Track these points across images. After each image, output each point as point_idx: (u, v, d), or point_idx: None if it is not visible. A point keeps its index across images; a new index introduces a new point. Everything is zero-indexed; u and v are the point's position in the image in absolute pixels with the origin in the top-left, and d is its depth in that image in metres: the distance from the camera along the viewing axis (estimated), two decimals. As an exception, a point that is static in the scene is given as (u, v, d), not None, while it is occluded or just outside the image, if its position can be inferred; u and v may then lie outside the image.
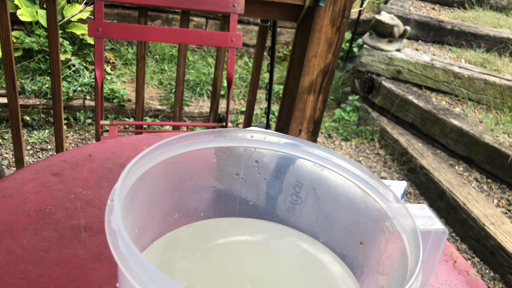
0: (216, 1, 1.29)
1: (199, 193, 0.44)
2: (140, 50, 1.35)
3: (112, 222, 0.27)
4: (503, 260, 1.83)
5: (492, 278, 1.85)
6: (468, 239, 2.02)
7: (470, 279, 0.56)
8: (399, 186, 0.56)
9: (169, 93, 2.52)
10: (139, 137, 0.75)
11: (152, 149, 0.35)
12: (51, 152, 2.03)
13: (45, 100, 2.17)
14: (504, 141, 2.34)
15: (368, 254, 0.39)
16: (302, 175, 0.42)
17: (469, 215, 2.02)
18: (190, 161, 0.40)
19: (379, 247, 0.37)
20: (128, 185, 0.32)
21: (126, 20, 2.72)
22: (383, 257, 0.37)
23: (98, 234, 0.51)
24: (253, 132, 0.41)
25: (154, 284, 0.23)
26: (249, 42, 3.14)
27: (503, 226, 1.95)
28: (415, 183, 2.40)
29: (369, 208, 0.38)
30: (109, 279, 0.46)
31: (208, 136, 0.40)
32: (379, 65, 2.88)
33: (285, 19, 1.62)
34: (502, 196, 2.24)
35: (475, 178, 2.35)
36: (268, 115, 1.93)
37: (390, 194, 0.36)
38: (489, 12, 3.95)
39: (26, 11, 2.22)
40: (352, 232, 0.40)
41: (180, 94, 1.48)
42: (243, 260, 0.41)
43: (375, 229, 0.38)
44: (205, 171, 0.43)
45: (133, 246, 0.25)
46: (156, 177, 0.37)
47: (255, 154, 0.42)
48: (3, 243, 0.48)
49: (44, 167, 0.62)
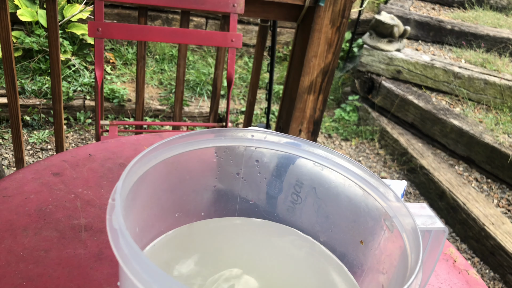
0: (216, 1, 1.29)
1: (200, 192, 0.44)
2: (140, 50, 1.35)
3: (113, 221, 0.27)
4: (503, 260, 1.83)
5: (492, 278, 1.85)
6: (468, 239, 2.03)
7: (470, 278, 0.56)
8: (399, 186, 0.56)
9: (169, 93, 2.52)
10: (139, 137, 0.75)
11: (153, 149, 0.35)
12: (51, 152, 2.03)
13: (45, 100, 2.17)
14: (504, 141, 2.34)
15: (368, 253, 0.39)
16: (302, 174, 0.42)
17: (469, 215, 2.02)
18: (190, 160, 0.40)
19: (379, 246, 0.37)
20: (129, 185, 0.33)
21: (126, 20, 2.72)
22: (383, 256, 0.37)
23: (98, 234, 0.51)
24: (253, 132, 0.41)
25: (156, 282, 0.23)
26: (249, 42, 3.14)
27: (503, 226, 1.95)
28: (415, 183, 2.40)
29: (369, 207, 0.38)
30: (109, 278, 0.46)
31: (208, 136, 0.40)
32: (379, 65, 2.88)
33: (285, 19, 1.62)
34: (502, 196, 2.24)
35: (475, 178, 2.35)
36: (268, 115, 1.93)
37: (390, 193, 0.36)
38: (489, 12, 3.95)
39: (26, 11, 2.22)
40: (352, 231, 0.40)
41: (180, 94, 1.49)
42: (244, 259, 0.41)
43: (375, 228, 0.38)
44: (206, 171, 0.43)
45: (134, 244, 0.25)
46: (157, 177, 0.37)
47: (256, 154, 0.42)
48: (3, 243, 0.48)
49: (44, 167, 0.62)
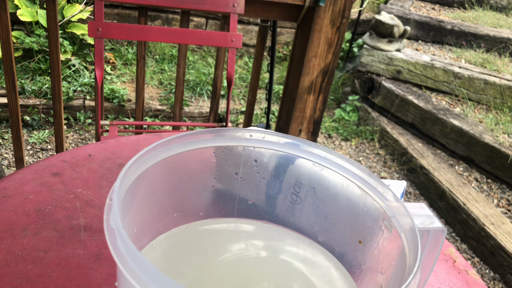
0: (216, 1, 1.29)
1: (198, 192, 0.44)
2: (140, 50, 1.35)
3: (111, 221, 0.27)
4: (503, 260, 1.83)
5: (492, 278, 1.85)
6: (468, 239, 2.02)
7: (469, 279, 0.56)
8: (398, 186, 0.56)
9: (169, 93, 2.52)
10: (139, 137, 0.75)
11: (151, 148, 0.35)
12: (51, 152, 2.03)
13: (45, 100, 2.17)
14: (504, 141, 2.34)
15: (367, 253, 0.39)
16: (301, 174, 0.42)
17: (469, 215, 2.02)
18: (189, 160, 0.40)
19: (378, 246, 0.37)
20: (127, 184, 0.33)
21: (126, 20, 2.72)
22: (382, 256, 0.37)
23: (97, 234, 0.51)
24: (252, 131, 0.41)
25: (153, 283, 0.23)
26: (249, 42, 3.14)
27: (503, 226, 1.94)
28: (415, 183, 2.40)
29: (368, 207, 0.38)
30: (108, 279, 0.46)
31: (207, 135, 0.40)
32: (379, 65, 2.88)
33: (285, 19, 1.62)
34: (502, 196, 2.24)
35: (475, 178, 2.35)
36: (268, 115, 1.93)
37: (389, 193, 0.36)
38: (489, 12, 3.95)
39: (26, 11, 2.22)
40: (351, 231, 0.40)
41: (180, 94, 1.48)
42: (243, 259, 0.41)
43: (374, 228, 0.38)
44: (204, 171, 0.43)
45: (132, 245, 0.25)
46: (155, 176, 0.37)
47: (254, 154, 0.42)
48: (3, 243, 0.48)
49: (44, 167, 0.62)
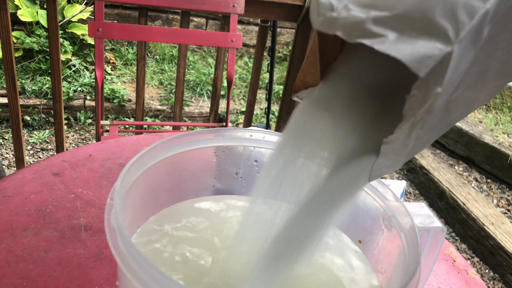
0: (216, 1, 1.29)
1: (199, 192, 0.44)
2: (140, 50, 1.35)
3: (111, 221, 0.27)
4: (503, 260, 1.83)
5: (492, 278, 1.85)
6: (467, 239, 2.02)
7: (469, 278, 0.56)
8: (398, 186, 0.56)
9: (169, 93, 2.52)
10: (139, 137, 0.75)
11: (152, 148, 0.35)
12: (52, 152, 2.03)
13: (45, 100, 2.17)
14: (504, 141, 2.34)
15: (367, 252, 0.39)
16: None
17: (468, 215, 2.02)
18: (189, 160, 0.40)
19: (378, 245, 0.37)
20: (128, 184, 0.33)
21: (126, 20, 2.72)
22: (382, 255, 0.37)
23: (98, 234, 0.51)
24: (252, 131, 0.41)
25: (154, 282, 0.23)
26: (249, 42, 3.14)
27: (502, 226, 1.95)
28: (414, 183, 2.40)
29: (368, 207, 0.38)
30: (109, 278, 0.46)
31: (207, 135, 0.40)
32: (379, 65, 2.87)
33: (285, 19, 1.62)
34: (502, 196, 2.24)
35: (475, 178, 2.35)
36: (268, 115, 1.93)
37: (389, 193, 0.36)
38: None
39: (26, 11, 2.22)
40: (351, 230, 0.41)
41: (180, 94, 1.49)
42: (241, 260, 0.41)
43: (374, 227, 0.38)
44: (205, 170, 0.43)
45: (132, 244, 0.25)
46: (156, 176, 0.37)
47: (255, 153, 0.42)
48: (3, 243, 0.48)
49: (45, 167, 0.62)
